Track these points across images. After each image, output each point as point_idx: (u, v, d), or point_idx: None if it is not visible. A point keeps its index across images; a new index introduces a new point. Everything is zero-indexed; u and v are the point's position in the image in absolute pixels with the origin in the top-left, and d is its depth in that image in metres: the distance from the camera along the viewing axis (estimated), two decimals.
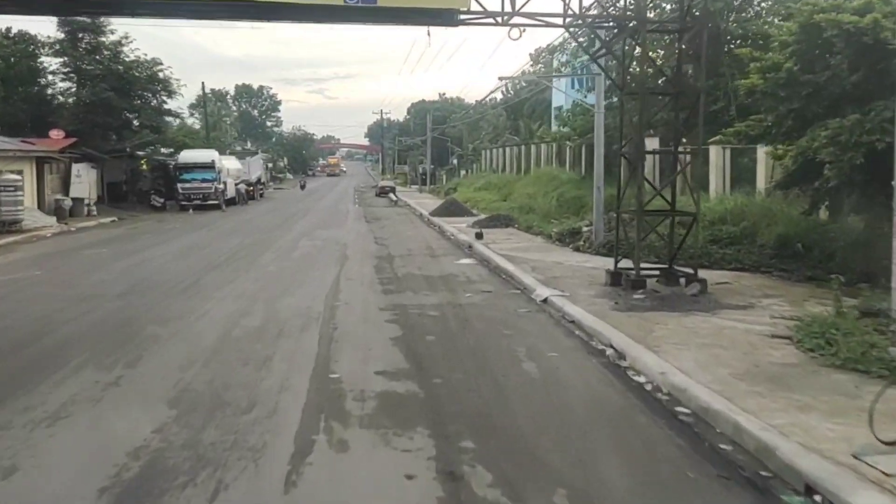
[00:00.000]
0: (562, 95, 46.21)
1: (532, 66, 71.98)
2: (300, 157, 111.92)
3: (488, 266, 15.21)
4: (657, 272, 12.00)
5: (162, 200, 33.18)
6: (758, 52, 13.90)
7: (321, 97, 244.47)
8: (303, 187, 59.52)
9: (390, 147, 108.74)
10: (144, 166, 35.43)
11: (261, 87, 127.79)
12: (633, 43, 12.37)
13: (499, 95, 70.74)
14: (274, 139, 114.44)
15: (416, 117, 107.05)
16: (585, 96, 27.35)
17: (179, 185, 33.86)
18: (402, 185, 74.86)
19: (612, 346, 8.30)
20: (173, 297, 11.33)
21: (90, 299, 11.12)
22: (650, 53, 13.40)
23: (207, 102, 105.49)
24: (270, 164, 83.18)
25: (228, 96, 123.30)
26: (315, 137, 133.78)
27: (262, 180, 47.90)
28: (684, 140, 13.54)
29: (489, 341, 8.55)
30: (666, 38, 15.95)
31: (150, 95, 33.07)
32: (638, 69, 15.85)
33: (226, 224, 25.92)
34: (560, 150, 33.04)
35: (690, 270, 11.46)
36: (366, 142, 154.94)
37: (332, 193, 54.25)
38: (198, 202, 33.88)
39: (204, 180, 33.95)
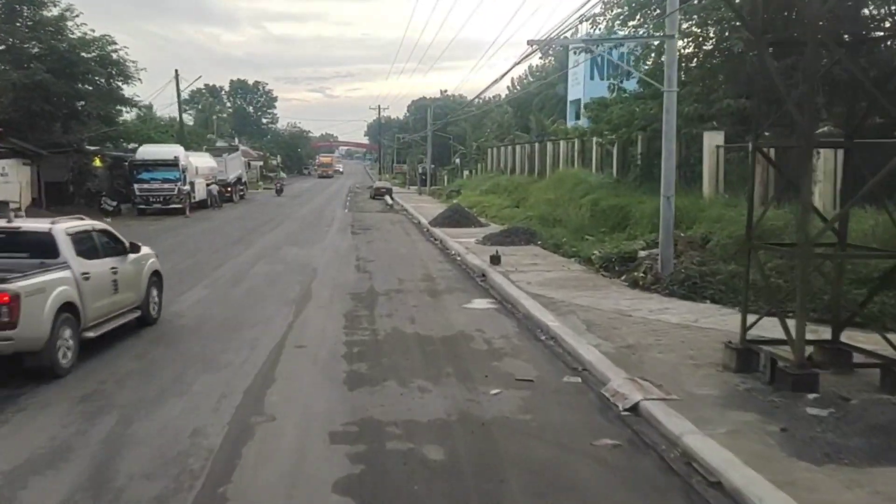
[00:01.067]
0: (578, 88, 41.29)
1: (542, 58, 67.28)
2: (295, 154, 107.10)
3: (515, 314, 10.23)
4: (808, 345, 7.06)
5: (114, 203, 28.12)
6: None
7: (322, 96, 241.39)
8: (279, 192, 46.58)
9: (389, 145, 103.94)
10: (98, 163, 30.42)
11: (256, 83, 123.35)
12: None
13: (503, 91, 66.18)
14: (269, 136, 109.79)
15: (416, 114, 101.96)
16: (622, 82, 22.36)
17: (136, 186, 28.77)
18: (401, 186, 69.88)
19: None
20: None
21: None
22: None
23: (200, 98, 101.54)
24: (261, 163, 78.24)
25: (223, 92, 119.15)
26: (312, 135, 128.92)
27: (242, 180, 42.79)
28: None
29: None
30: None
31: (101, 80, 27.90)
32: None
33: (175, 236, 20.88)
34: (584, 148, 28.11)
35: (891, 353, 6.48)
36: (366, 140, 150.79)
37: (322, 196, 49.17)
38: (158, 206, 28.88)
39: (165, 180, 28.89)
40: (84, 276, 7.40)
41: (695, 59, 20.16)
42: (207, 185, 33.55)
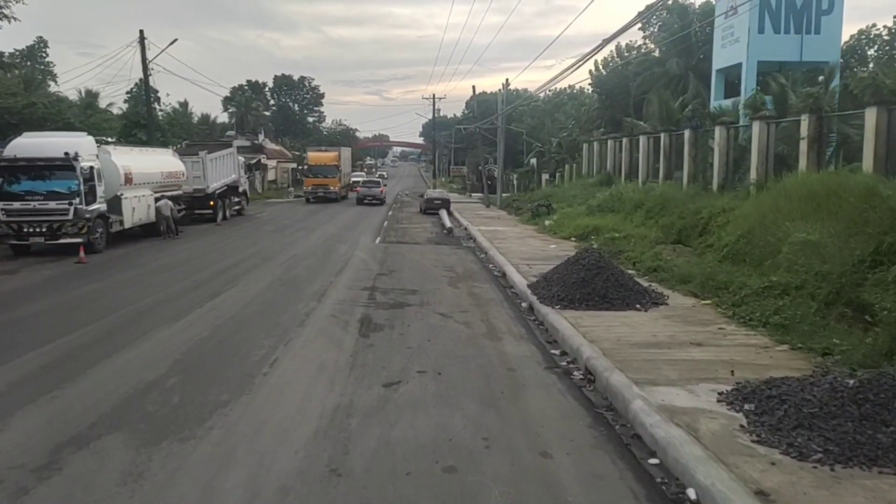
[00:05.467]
0: (736, 48, 27.15)
1: (641, 29, 53.14)
2: None
3: None
4: None
5: None
6: None
7: (378, 98, 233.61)
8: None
9: (446, 144, 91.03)
10: None
11: (302, 79, 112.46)
12: None
13: (577, 83, 52.33)
14: (315, 137, 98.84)
15: (476, 109, 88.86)
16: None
17: (2, 206, 16.49)
18: (459, 193, 56.65)
19: None
20: None
21: None
22: None
23: (240, 94, 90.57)
24: (293, 165, 66.30)
25: (267, 89, 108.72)
26: (362, 135, 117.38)
27: (240, 188, 30.26)
28: None
29: None
30: None
31: None
32: None
33: None
34: (821, 133, 14.41)
35: None
36: (420, 141, 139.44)
37: (353, 210, 36.16)
38: (39, 240, 16.51)
39: (51, 195, 16.52)
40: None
41: None
42: (158, 199, 21.10)
